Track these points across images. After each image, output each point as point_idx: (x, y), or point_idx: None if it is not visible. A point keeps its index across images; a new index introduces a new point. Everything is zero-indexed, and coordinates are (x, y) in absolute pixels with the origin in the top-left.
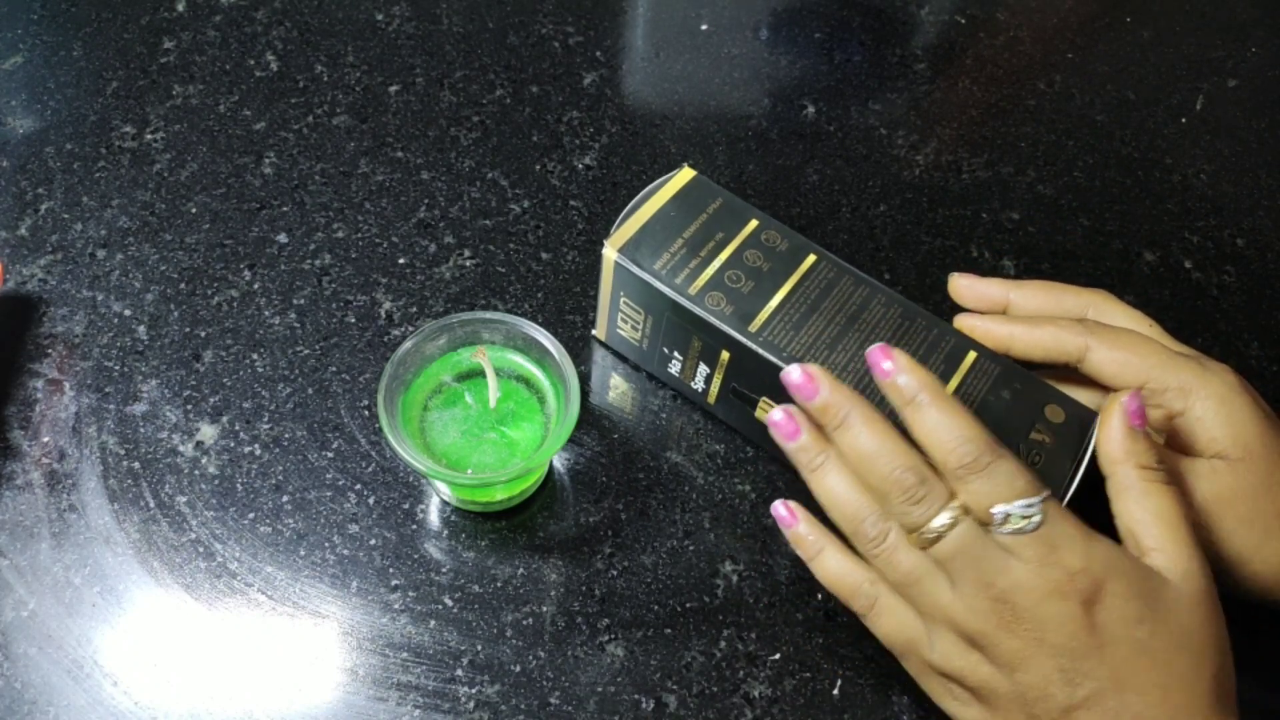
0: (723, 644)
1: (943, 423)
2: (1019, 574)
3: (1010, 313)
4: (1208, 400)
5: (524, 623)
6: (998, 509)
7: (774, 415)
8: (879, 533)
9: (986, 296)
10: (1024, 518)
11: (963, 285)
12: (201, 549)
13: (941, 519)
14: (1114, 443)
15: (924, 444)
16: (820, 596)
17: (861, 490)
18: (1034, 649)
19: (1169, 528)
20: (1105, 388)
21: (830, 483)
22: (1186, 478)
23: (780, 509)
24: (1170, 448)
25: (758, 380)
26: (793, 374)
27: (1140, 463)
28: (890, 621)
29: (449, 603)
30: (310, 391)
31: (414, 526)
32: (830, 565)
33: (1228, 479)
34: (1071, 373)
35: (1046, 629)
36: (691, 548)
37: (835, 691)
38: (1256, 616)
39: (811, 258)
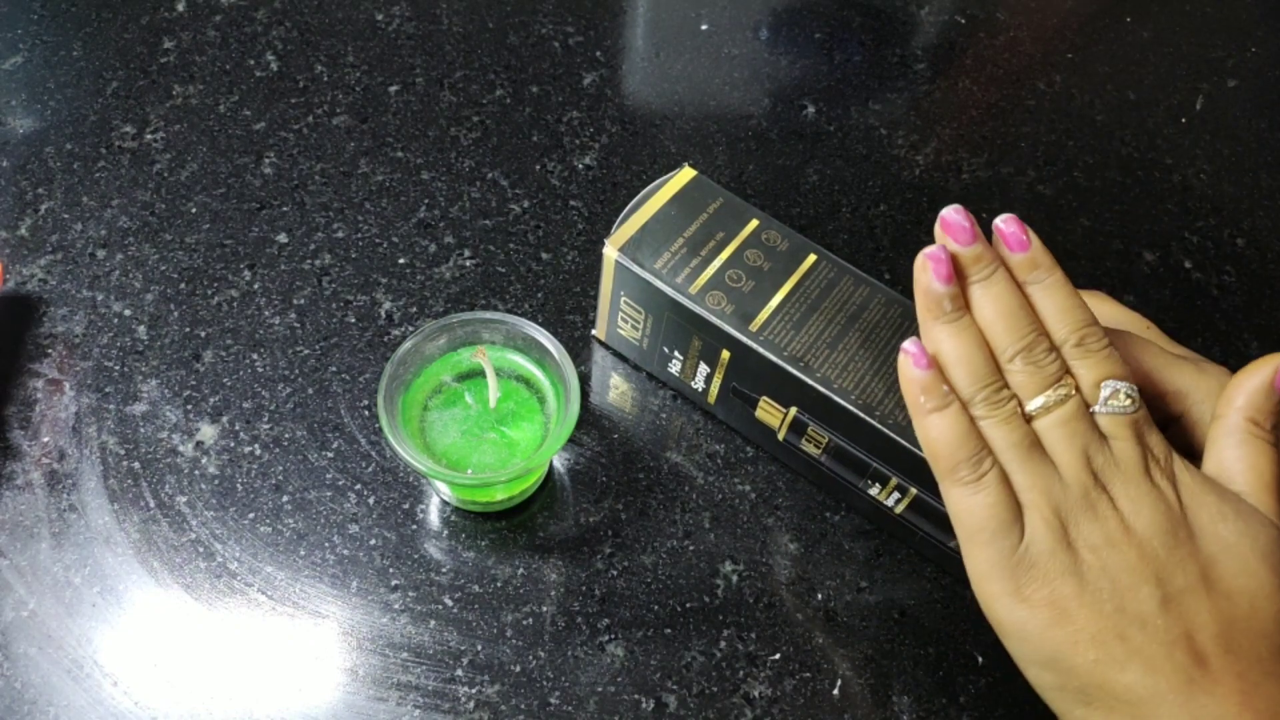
0: (723, 644)
1: (1073, 302)
2: (1117, 450)
3: None
4: (1205, 404)
5: (524, 623)
6: (1108, 384)
7: (933, 251)
8: (1003, 396)
9: None
10: (1129, 396)
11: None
12: (201, 549)
13: (1057, 390)
14: (1246, 389)
15: (1050, 319)
16: (820, 596)
17: (988, 353)
18: (1126, 532)
19: (1260, 479)
20: None
21: (967, 336)
22: None
23: (912, 346)
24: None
25: (758, 380)
26: (953, 213)
27: (1256, 417)
28: (992, 496)
29: (449, 603)
30: (310, 391)
31: (414, 526)
32: (950, 423)
33: None
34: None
35: (1138, 506)
36: (691, 548)
37: (835, 691)
38: None
39: (812, 257)
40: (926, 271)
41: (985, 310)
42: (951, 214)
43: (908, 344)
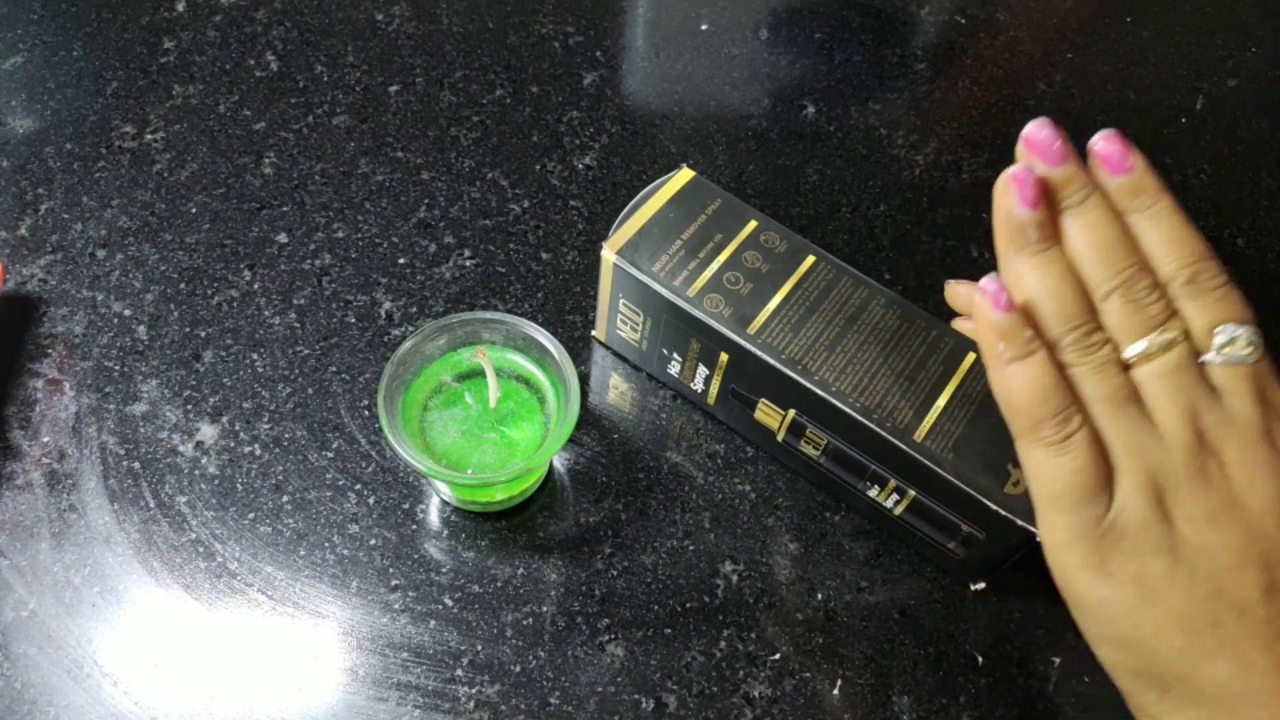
0: (723, 644)
1: (1187, 233)
2: (1233, 406)
3: None
4: None
5: (524, 623)
6: (1225, 328)
7: (1015, 171)
8: (1096, 340)
9: None
10: (1250, 343)
11: (959, 291)
12: (201, 549)
13: (1162, 335)
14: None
15: (1155, 254)
16: (820, 596)
17: (1081, 290)
18: (1232, 506)
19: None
20: None
21: (1056, 271)
22: None
23: (993, 283)
24: None
25: (756, 382)
26: (1039, 130)
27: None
28: (1081, 458)
29: (449, 603)
30: (310, 391)
31: (414, 526)
32: (1034, 374)
33: None
34: None
35: (1254, 477)
36: (691, 548)
37: (835, 691)
38: None
39: (810, 259)
40: (1009, 195)
41: (1078, 240)
42: (1037, 130)
43: (985, 281)
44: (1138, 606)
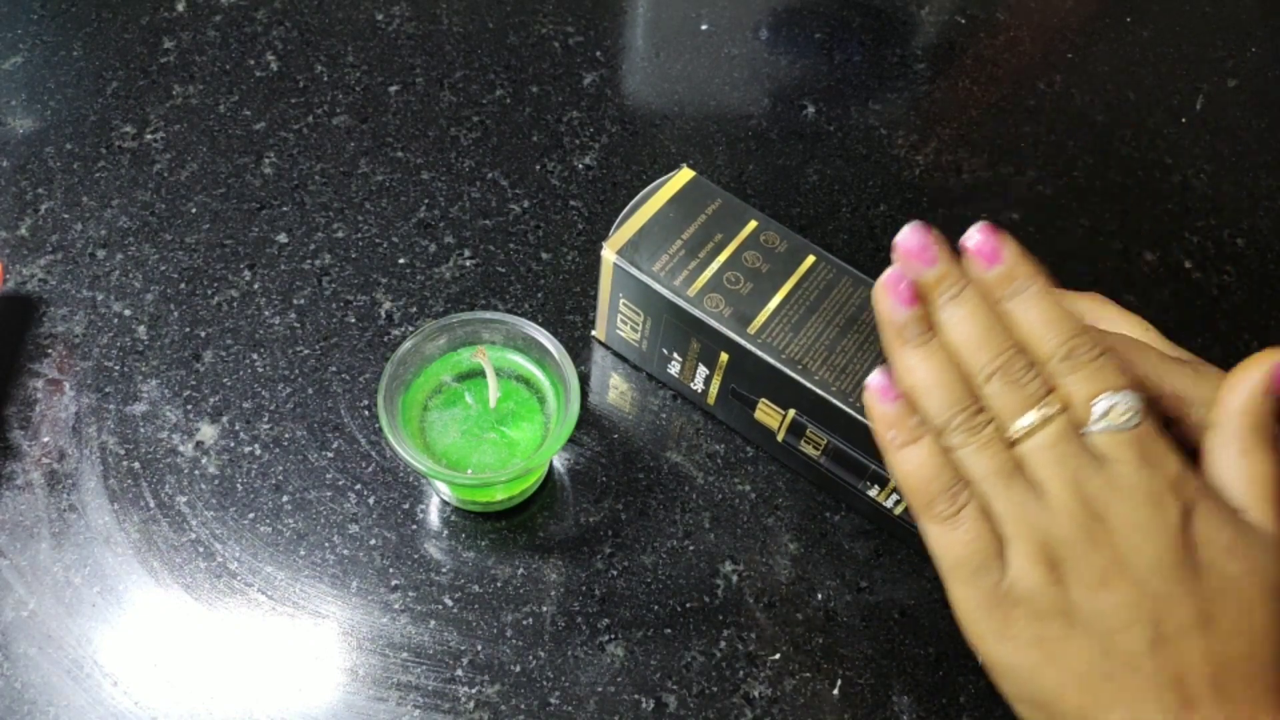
0: (723, 644)
1: (1057, 314)
2: (1114, 474)
3: None
4: (1202, 409)
5: (524, 623)
6: (1102, 400)
7: (890, 275)
8: (977, 423)
9: None
10: (1128, 410)
11: None
12: (201, 549)
13: (1040, 411)
14: (1242, 393)
15: (1031, 335)
16: (820, 596)
17: (959, 377)
18: (1115, 567)
19: (1262, 492)
20: None
21: (936, 362)
22: None
23: (880, 379)
24: None
25: (756, 382)
26: (910, 236)
27: (1256, 423)
28: (971, 530)
29: (449, 603)
30: (310, 391)
31: (414, 526)
32: (923, 456)
33: None
34: None
35: (1139, 540)
36: (691, 548)
37: (835, 691)
38: None
39: (810, 259)
40: (885, 299)
41: (955, 332)
42: (909, 238)
43: (872, 377)
44: (1040, 667)
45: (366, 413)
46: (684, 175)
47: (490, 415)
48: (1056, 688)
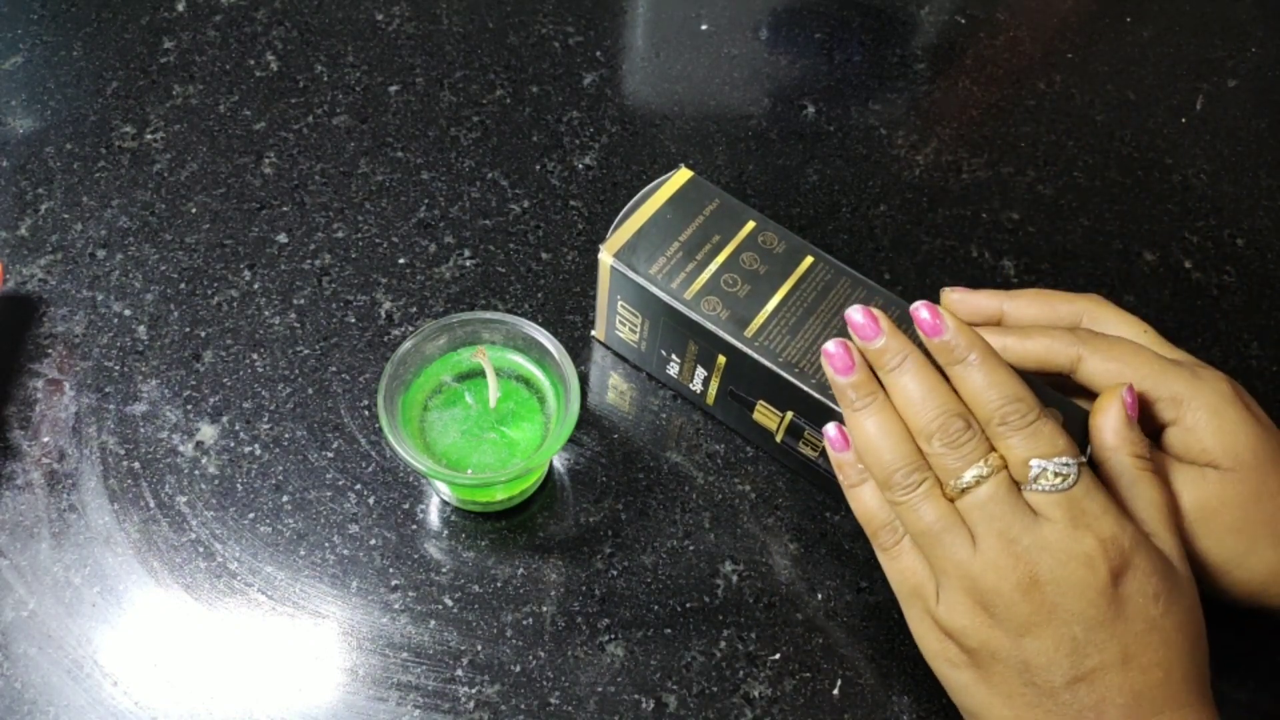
0: (723, 644)
1: (993, 381)
2: (1046, 533)
3: (1004, 324)
4: (1200, 411)
5: (524, 623)
6: (1035, 463)
7: (829, 347)
8: (912, 482)
9: (979, 309)
10: (1059, 475)
11: (954, 300)
12: (201, 549)
13: (977, 469)
14: (1110, 430)
15: (971, 400)
16: (820, 596)
17: (901, 439)
18: (1047, 616)
19: (1161, 517)
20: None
21: (872, 424)
22: (1175, 483)
23: (833, 431)
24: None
25: (754, 384)
26: (855, 314)
27: (1134, 451)
28: (906, 564)
29: (449, 603)
30: (310, 391)
31: (414, 526)
32: (867, 497)
33: (1216, 488)
34: (1068, 378)
35: (1066, 595)
36: (691, 548)
37: (835, 691)
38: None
39: (808, 259)
40: (827, 367)
41: (898, 397)
42: (854, 315)
43: (828, 427)
44: (972, 685)
45: (366, 413)
46: (682, 176)
47: (490, 415)
48: (986, 703)
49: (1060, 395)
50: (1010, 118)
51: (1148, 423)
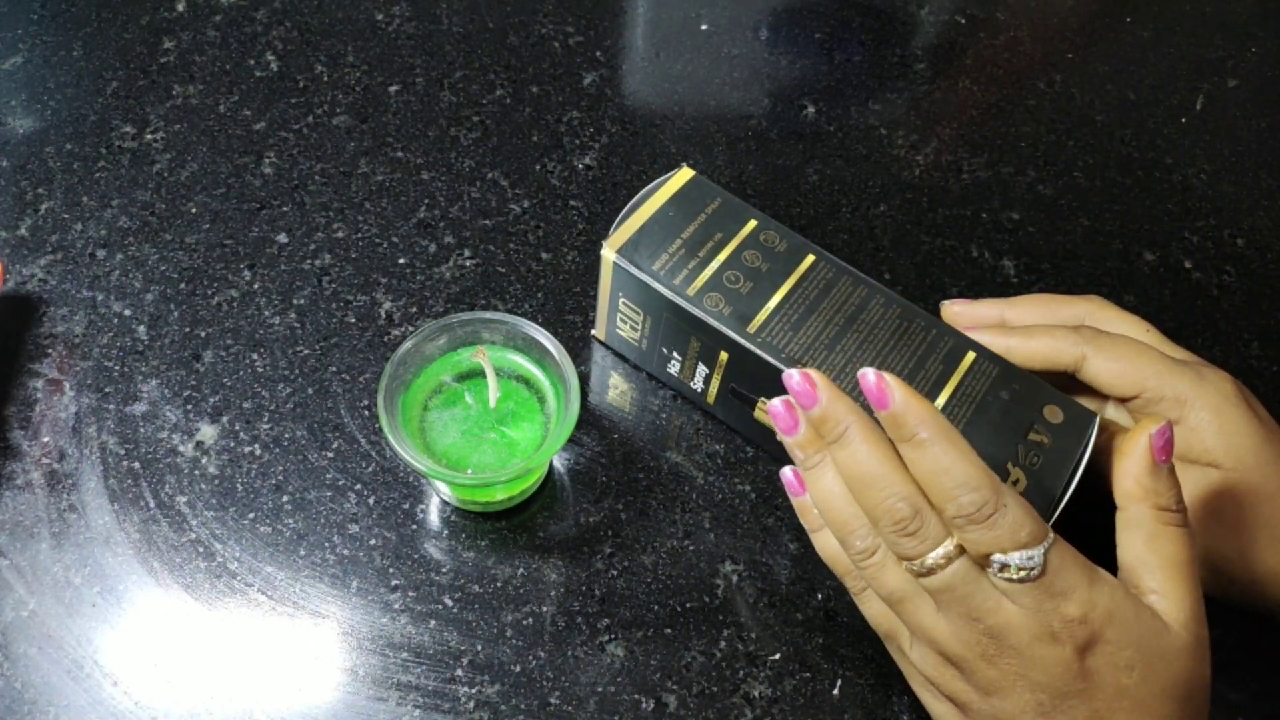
0: (723, 644)
1: (944, 465)
2: (1011, 615)
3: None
4: (1203, 411)
5: (524, 623)
6: (997, 558)
7: (774, 405)
8: (867, 547)
9: (981, 319)
10: (1022, 569)
11: (955, 312)
12: (201, 549)
13: (935, 555)
14: (1133, 479)
15: (923, 484)
16: (820, 597)
17: (856, 502)
18: (1014, 681)
19: (1176, 575)
20: (1103, 395)
21: (825, 484)
22: None
23: (789, 474)
24: None
25: (756, 381)
26: (792, 379)
27: (1158, 504)
28: (878, 608)
29: (449, 603)
30: (310, 391)
31: (414, 526)
32: (829, 542)
33: (1216, 488)
34: (1071, 377)
35: (1032, 669)
36: (691, 548)
37: (835, 691)
38: (1234, 619)
39: (810, 258)
40: (774, 424)
41: (844, 471)
42: (790, 380)
43: (784, 471)
44: (954, 717)
45: (366, 413)
46: (684, 175)
47: (490, 415)
48: None
49: (1061, 394)
50: (1010, 118)
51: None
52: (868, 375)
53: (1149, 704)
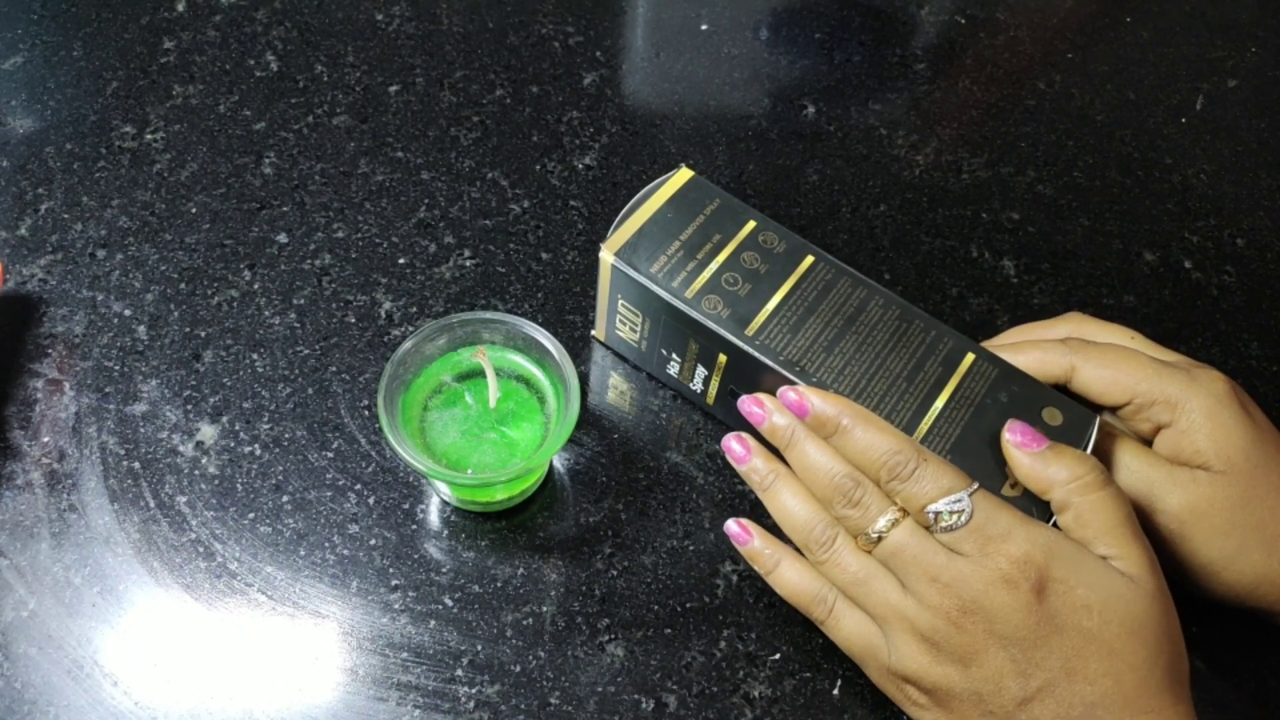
0: (723, 644)
1: (869, 441)
2: (961, 566)
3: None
4: (1194, 413)
5: (524, 623)
6: (930, 509)
7: (727, 441)
8: (827, 538)
9: None
10: (953, 513)
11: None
12: (201, 549)
13: (882, 521)
14: (1028, 478)
15: (857, 464)
16: None
17: (811, 503)
18: (984, 641)
19: (1117, 535)
20: (1096, 406)
21: (782, 498)
22: (1166, 485)
23: (734, 526)
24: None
25: (755, 383)
26: (745, 404)
27: (1064, 481)
28: (848, 626)
29: (449, 603)
30: (310, 391)
31: (414, 526)
32: (788, 576)
33: (1207, 490)
34: (1065, 390)
35: (995, 619)
36: (691, 548)
37: (835, 691)
38: (1229, 617)
39: (809, 259)
40: (730, 459)
41: (797, 470)
42: (743, 405)
43: (729, 524)
44: (942, 717)
45: (366, 413)
46: (682, 175)
47: (490, 415)
48: None
49: (1060, 395)
50: (1010, 118)
51: (1144, 426)
52: (787, 393)
53: (1118, 648)
